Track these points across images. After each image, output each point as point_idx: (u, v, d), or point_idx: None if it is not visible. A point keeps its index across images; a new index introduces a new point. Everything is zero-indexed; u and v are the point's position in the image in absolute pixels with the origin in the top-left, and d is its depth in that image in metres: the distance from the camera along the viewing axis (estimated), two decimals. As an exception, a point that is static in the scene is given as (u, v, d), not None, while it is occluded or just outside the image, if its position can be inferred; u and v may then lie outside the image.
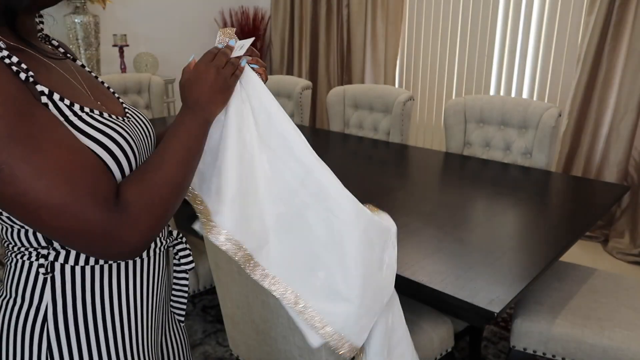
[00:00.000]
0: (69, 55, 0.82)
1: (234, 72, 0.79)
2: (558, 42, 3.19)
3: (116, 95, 0.83)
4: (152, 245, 0.79)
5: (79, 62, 0.83)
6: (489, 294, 1.08)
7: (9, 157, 0.56)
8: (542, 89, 3.32)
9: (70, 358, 0.70)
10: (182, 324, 0.95)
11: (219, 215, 0.83)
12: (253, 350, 1.34)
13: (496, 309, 1.03)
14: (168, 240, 0.84)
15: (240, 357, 1.43)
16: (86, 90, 0.75)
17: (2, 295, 0.73)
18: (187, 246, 0.88)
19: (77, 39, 3.40)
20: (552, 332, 1.41)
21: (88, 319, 0.71)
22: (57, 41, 0.82)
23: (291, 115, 3.08)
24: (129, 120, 0.76)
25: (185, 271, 0.88)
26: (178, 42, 4.30)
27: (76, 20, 3.36)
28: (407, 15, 3.86)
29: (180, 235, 0.88)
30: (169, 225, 0.87)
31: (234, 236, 0.83)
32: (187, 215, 0.92)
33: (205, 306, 2.39)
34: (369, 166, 2.04)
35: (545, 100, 3.31)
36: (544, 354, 1.43)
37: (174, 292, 0.90)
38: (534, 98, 3.36)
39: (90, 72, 0.83)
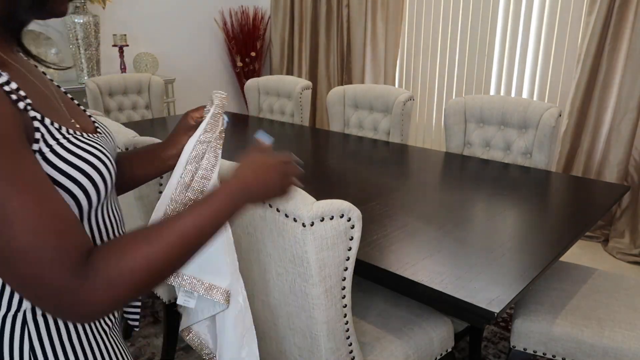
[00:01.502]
0: (44, 71, 0.80)
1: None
2: (558, 42, 3.19)
3: (82, 108, 0.81)
4: None
5: (49, 77, 0.79)
6: (489, 294, 1.08)
7: None
8: (542, 89, 3.32)
9: (53, 354, 0.69)
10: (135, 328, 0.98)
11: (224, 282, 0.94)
12: (253, 350, 1.34)
13: (496, 309, 1.03)
14: None
15: (240, 357, 1.43)
16: (62, 108, 0.72)
17: None
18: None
19: (77, 39, 3.40)
20: (552, 332, 1.40)
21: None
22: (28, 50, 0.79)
23: (291, 115, 3.08)
24: (99, 137, 0.76)
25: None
26: (178, 42, 4.30)
27: (76, 20, 3.36)
28: (407, 15, 3.86)
29: None
30: None
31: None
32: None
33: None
34: (369, 166, 2.04)
35: (545, 100, 3.31)
36: (544, 354, 1.43)
37: (125, 309, 0.91)
38: (534, 98, 3.36)
39: (59, 86, 0.80)
